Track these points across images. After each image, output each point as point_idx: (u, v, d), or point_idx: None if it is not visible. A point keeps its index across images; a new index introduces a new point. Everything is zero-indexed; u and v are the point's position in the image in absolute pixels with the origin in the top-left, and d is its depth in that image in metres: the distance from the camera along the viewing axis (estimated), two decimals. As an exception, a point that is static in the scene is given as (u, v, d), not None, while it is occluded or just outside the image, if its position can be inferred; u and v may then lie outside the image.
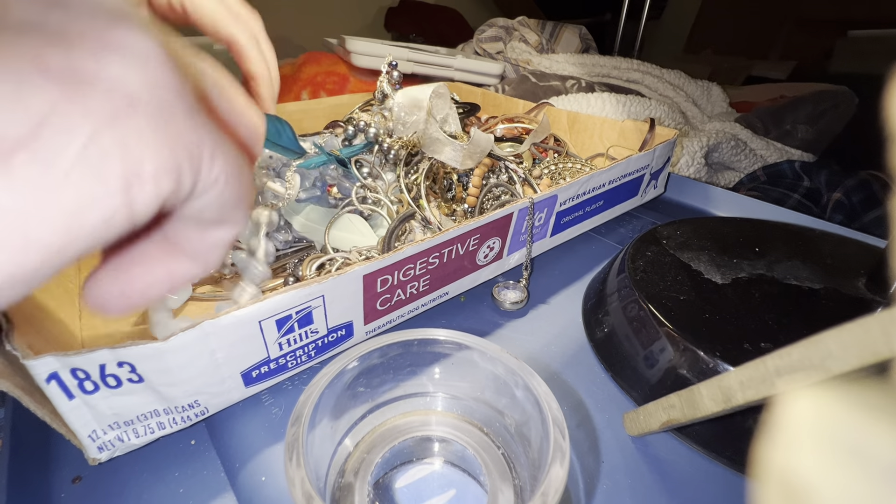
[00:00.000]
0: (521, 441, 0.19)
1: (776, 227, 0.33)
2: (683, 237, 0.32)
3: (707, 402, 0.18)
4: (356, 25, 1.35)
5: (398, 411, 0.22)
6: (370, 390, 0.21)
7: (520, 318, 0.32)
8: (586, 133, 0.51)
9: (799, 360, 0.14)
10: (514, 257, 0.34)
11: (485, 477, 0.19)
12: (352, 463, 0.20)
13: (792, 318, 0.24)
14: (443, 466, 0.21)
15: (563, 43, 0.90)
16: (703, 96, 0.74)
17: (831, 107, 0.69)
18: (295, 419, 0.16)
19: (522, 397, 0.19)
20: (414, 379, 0.21)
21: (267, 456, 0.22)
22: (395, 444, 0.21)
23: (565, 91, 0.71)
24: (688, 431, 0.23)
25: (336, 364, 0.19)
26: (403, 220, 0.34)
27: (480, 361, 0.20)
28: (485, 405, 0.21)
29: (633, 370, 0.26)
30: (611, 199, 0.40)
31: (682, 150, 0.55)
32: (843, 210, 0.49)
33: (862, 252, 0.30)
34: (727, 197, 0.47)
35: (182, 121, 0.10)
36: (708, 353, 0.22)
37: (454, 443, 0.21)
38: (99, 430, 0.20)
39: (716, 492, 0.21)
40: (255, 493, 0.21)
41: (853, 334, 0.12)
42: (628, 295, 0.27)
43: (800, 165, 0.55)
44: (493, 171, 0.40)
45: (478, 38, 0.90)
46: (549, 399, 0.18)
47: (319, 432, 0.18)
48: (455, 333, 0.20)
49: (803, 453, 0.06)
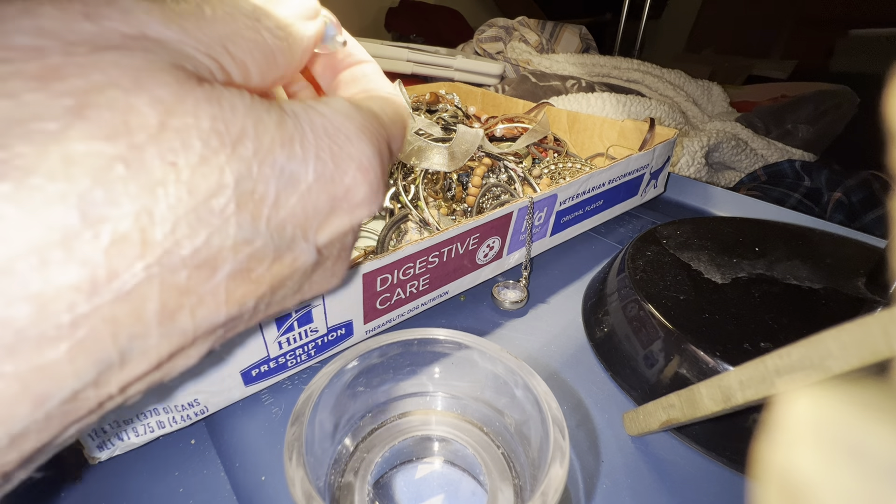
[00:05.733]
0: (521, 440, 0.19)
1: (776, 226, 0.33)
2: (683, 237, 0.32)
3: (707, 401, 0.18)
4: (356, 25, 1.35)
5: (398, 411, 0.22)
6: (370, 390, 0.21)
7: (519, 318, 0.32)
8: (586, 133, 0.51)
9: (799, 359, 0.14)
10: (513, 257, 0.34)
11: (484, 476, 0.19)
12: (352, 462, 0.20)
13: (792, 317, 0.24)
14: (442, 466, 0.21)
15: (564, 43, 0.90)
16: (703, 96, 0.74)
17: (832, 106, 0.69)
18: (295, 419, 0.16)
19: (522, 396, 0.19)
20: (414, 378, 0.21)
21: (267, 455, 0.22)
22: (395, 444, 0.21)
23: (565, 91, 0.71)
24: (687, 431, 0.23)
25: (336, 363, 0.19)
26: (395, 224, 0.33)
27: (480, 361, 0.20)
28: (484, 404, 0.21)
29: (632, 370, 0.26)
30: (611, 199, 0.40)
31: (683, 150, 0.55)
32: (844, 210, 0.49)
33: (862, 252, 0.30)
34: (727, 197, 0.47)
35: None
36: (708, 352, 0.22)
37: (454, 442, 0.21)
38: (98, 428, 0.20)
39: (716, 492, 0.21)
40: (255, 492, 0.21)
41: (853, 334, 0.12)
42: (628, 295, 0.27)
43: (800, 165, 0.55)
44: (493, 170, 0.40)
45: (478, 38, 0.90)
46: (549, 398, 0.18)
47: (319, 432, 0.18)
48: (455, 333, 0.20)
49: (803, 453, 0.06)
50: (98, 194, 0.09)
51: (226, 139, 0.11)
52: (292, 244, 0.13)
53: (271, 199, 0.12)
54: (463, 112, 0.50)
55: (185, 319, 0.11)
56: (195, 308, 0.11)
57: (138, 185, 0.09)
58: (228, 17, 0.12)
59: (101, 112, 0.09)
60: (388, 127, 0.16)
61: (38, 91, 0.09)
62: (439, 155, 0.34)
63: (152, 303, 0.10)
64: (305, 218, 0.13)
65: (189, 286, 0.10)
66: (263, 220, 0.11)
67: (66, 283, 0.09)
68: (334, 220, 0.14)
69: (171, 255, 0.10)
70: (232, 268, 0.11)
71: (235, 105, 0.11)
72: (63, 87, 0.09)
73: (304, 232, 0.13)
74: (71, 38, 0.09)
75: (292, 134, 0.12)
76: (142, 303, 0.10)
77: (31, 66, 0.09)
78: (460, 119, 0.48)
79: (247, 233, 0.11)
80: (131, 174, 0.09)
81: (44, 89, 0.09)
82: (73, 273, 0.09)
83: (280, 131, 0.12)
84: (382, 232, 0.33)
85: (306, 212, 0.13)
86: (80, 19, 0.10)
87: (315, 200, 0.13)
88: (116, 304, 0.09)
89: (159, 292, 0.10)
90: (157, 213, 0.10)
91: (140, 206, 0.09)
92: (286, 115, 0.12)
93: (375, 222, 0.37)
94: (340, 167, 0.13)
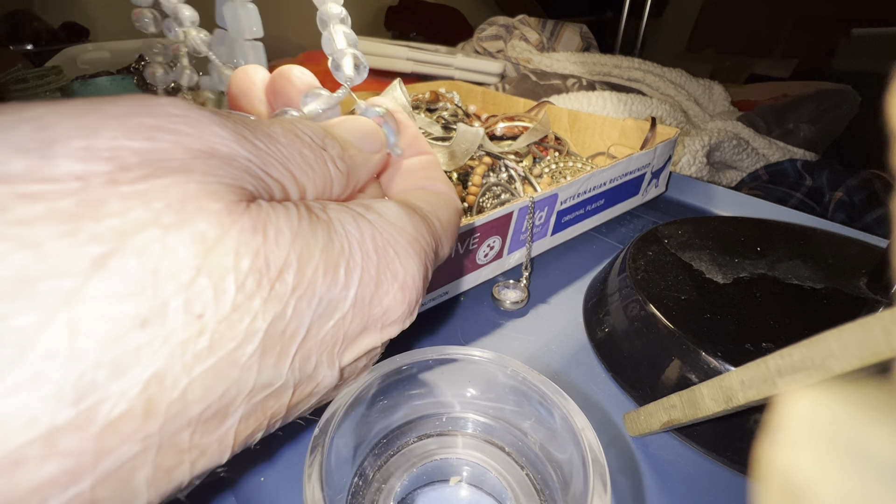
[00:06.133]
0: (549, 461, 0.19)
1: (778, 226, 0.33)
2: (685, 236, 0.31)
3: (708, 402, 0.18)
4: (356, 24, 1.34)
5: (419, 433, 0.21)
6: (390, 412, 0.20)
7: (520, 318, 0.32)
8: (587, 132, 0.50)
9: (800, 360, 0.14)
10: (514, 256, 0.34)
11: (511, 502, 0.19)
12: (373, 486, 0.19)
13: (793, 317, 0.24)
14: (467, 490, 0.21)
15: (564, 41, 0.90)
16: (704, 95, 0.74)
17: (834, 105, 0.69)
18: (314, 446, 0.16)
19: (547, 416, 0.18)
20: (432, 399, 0.21)
21: (266, 456, 0.22)
22: (417, 468, 0.20)
23: (566, 90, 0.71)
24: (688, 432, 0.23)
25: (357, 384, 0.18)
26: None
27: (506, 381, 0.19)
28: (510, 426, 0.20)
29: (633, 370, 0.26)
30: (612, 198, 0.40)
31: (684, 149, 0.55)
32: (846, 209, 0.49)
33: (864, 252, 0.30)
34: (729, 196, 0.46)
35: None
36: (709, 352, 0.22)
37: (478, 466, 0.20)
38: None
39: (716, 492, 0.21)
40: (255, 492, 0.21)
41: (854, 334, 0.12)
42: (629, 295, 0.27)
43: (802, 164, 0.55)
44: (494, 169, 0.40)
45: (478, 37, 0.90)
46: (591, 438, 0.16)
47: (337, 456, 0.17)
48: (473, 350, 0.19)
49: (804, 453, 0.06)
50: (101, 373, 0.08)
51: (265, 279, 0.09)
52: (315, 373, 0.11)
53: (301, 336, 0.10)
54: (463, 111, 0.50)
55: (182, 474, 0.09)
56: (196, 461, 0.09)
57: (153, 350, 0.08)
58: (297, 140, 0.12)
59: (129, 262, 0.08)
60: (437, 235, 0.15)
61: (64, 238, 0.08)
62: (440, 154, 0.34)
63: (144, 471, 0.08)
64: (334, 344, 0.12)
65: (192, 443, 0.09)
66: (289, 359, 0.10)
67: (41, 480, 0.07)
68: (364, 339, 0.13)
69: (177, 420, 0.09)
70: (245, 412, 0.10)
71: (282, 231, 0.10)
72: (95, 231, 0.08)
73: (329, 358, 0.12)
74: (125, 161, 0.09)
75: (338, 258, 0.11)
76: (131, 473, 0.08)
77: (66, 204, 0.08)
78: (460, 118, 0.47)
79: (268, 377, 0.10)
80: (148, 338, 0.08)
81: (72, 235, 0.08)
82: (51, 468, 0.07)
83: (325, 255, 0.11)
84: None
85: (336, 339, 0.11)
86: (143, 136, 0.09)
87: (349, 326, 0.12)
88: (99, 485, 0.08)
89: (154, 459, 0.09)
90: (168, 378, 0.08)
91: (151, 373, 0.08)
92: (334, 233, 0.11)
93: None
94: (382, 288, 0.12)
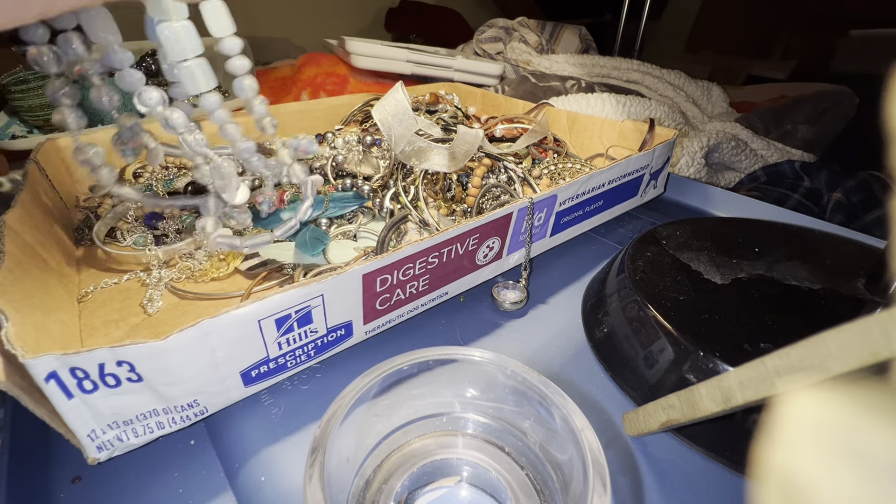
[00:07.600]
0: (548, 460, 0.19)
1: (776, 227, 0.33)
2: (683, 237, 0.32)
3: (706, 402, 0.18)
4: (356, 26, 1.35)
5: (419, 433, 0.21)
6: (391, 412, 0.20)
7: (519, 319, 0.32)
8: (586, 133, 0.51)
9: (798, 360, 0.14)
10: (513, 257, 0.34)
11: (511, 502, 0.19)
12: (374, 486, 0.19)
13: (791, 318, 0.24)
14: (467, 490, 0.21)
15: (563, 43, 0.90)
16: (703, 96, 0.74)
17: (832, 107, 0.69)
18: (315, 447, 0.16)
19: (547, 417, 0.18)
20: (432, 399, 0.21)
21: (266, 456, 0.22)
22: (418, 468, 0.20)
23: (565, 91, 0.71)
24: (687, 432, 0.23)
25: (358, 384, 0.18)
26: (394, 225, 0.33)
27: (506, 381, 0.19)
28: (510, 426, 0.20)
29: (632, 370, 0.26)
30: (610, 200, 0.40)
31: (682, 151, 0.55)
32: (844, 210, 0.49)
33: (862, 252, 0.30)
34: (727, 197, 0.47)
35: None
36: (707, 353, 0.22)
37: (478, 466, 0.20)
38: (98, 429, 0.20)
39: (715, 492, 0.21)
40: (255, 493, 0.21)
41: (853, 335, 0.12)
42: (628, 295, 0.27)
43: (800, 165, 0.55)
44: (493, 171, 0.40)
45: (477, 39, 0.90)
46: (591, 438, 0.16)
47: (338, 457, 0.17)
48: (470, 350, 0.19)
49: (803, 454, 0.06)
50: None
51: None
52: None
53: None
54: (463, 112, 0.50)
55: None
56: None
57: None
58: None
59: None
60: None
61: None
62: (439, 156, 0.34)
63: None
64: None
65: None
66: None
67: None
68: None
69: None
70: None
71: None
72: None
73: None
74: None
75: None
76: None
77: None
78: (460, 120, 0.48)
79: None
80: None
81: None
82: None
83: None
84: (382, 232, 0.33)
85: None
86: None
87: None
88: None
89: None
90: None
91: None
92: None
93: (375, 223, 0.37)
94: None
